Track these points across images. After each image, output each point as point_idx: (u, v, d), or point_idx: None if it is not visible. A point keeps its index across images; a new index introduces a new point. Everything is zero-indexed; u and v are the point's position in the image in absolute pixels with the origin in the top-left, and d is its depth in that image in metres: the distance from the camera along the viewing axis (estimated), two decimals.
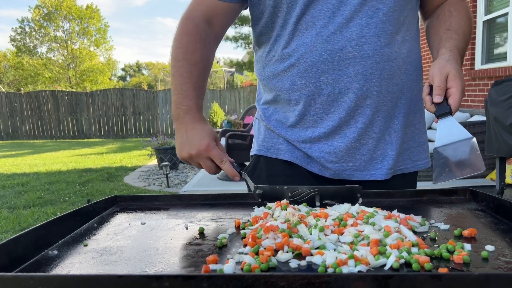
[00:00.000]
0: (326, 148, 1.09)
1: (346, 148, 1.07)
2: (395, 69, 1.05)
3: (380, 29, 1.02)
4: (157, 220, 0.92)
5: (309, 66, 1.04)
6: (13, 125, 14.35)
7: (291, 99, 1.10)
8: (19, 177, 6.90)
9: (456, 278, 0.48)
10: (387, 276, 0.49)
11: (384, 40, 1.02)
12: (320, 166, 1.12)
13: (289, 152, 1.14)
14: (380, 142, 1.09)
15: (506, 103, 3.43)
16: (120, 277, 0.51)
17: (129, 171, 7.29)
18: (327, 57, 1.02)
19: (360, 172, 1.09)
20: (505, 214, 0.84)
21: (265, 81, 1.16)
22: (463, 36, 1.05)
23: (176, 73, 1.06)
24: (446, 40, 1.03)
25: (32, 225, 2.66)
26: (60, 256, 0.72)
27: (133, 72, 60.40)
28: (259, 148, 1.19)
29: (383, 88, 1.04)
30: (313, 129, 1.09)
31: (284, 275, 0.50)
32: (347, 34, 1.01)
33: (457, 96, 0.88)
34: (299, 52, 1.05)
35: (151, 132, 13.83)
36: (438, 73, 0.92)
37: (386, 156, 1.09)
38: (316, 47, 1.03)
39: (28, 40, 25.72)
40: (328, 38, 1.02)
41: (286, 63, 1.08)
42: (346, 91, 1.04)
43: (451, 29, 1.05)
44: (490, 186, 4.48)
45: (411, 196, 1.03)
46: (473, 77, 5.97)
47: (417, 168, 1.16)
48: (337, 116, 1.06)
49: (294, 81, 1.08)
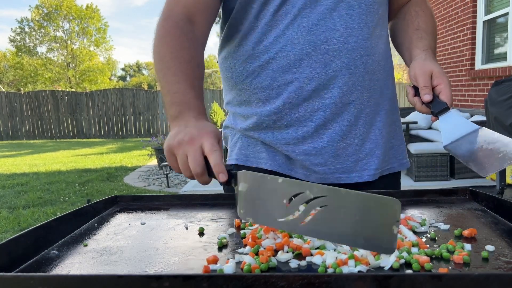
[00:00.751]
0: (311, 149, 1.02)
1: (333, 149, 1.02)
2: (376, 64, 1.02)
3: (362, 20, 0.99)
4: (157, 220, 0.92)
5: (291, 60, 0.97)
6: (13, 125, 14.35)
7: (270, 97, 1.02)
8: (19, 177, 6.90)
9: (456, 278, 0.48)
10: (387, 276, 0.49)
11: (366, 33, 0.99)
12: (305, 171, 1.05)
13: (270, 160, 1.06)
14: (366, 141, 1.05)
15: (506, 103, 3.43)
16: (120, 277, 0.51)
17: (129, 171, 7.29)
18: (311, 49, 0.96)
19: (348, 174, 1.04)
20: (505, 214, 0.84)
21: (236, 79, 1.07)
22: (432, 36, 1.04)
23: (167, 73, 0.90)
24: (417, 40, 1.02)
25: (32, 225, 2.66)
26: (60, 256, 0.72)
27: (133, 72, 60.42)
28: (238, 157, 1.10)
29: (367, 83, 1.01)
30: (295, 129, 1.02)
31: (284, 275, 0.50)
32: (330, 25, 0.96)
33: (447, 91, 0.88)
34: (278, 45, 0.98)
35: (151, 132, 13.83)
36: (421, 73, 0.91)
37: (373, 156, 1.05)
38: (298, 39, 0.96)
39: (28, 40, 25.72)
40: (311, 29, 0.96)
41: (263, 58, 1.00)
42: (331, 86, 0.98)
43: (420, 29, 1.04)
44: (490, 186, 4.47)
45: (411, 196, 1.03)
46: (473, 77, 5.97)
47: (403, 167, 1.13)
48: (321, 114, 1.00)
49: (274, 77, 1.00)
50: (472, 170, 2.46)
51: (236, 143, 1.12)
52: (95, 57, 26.72)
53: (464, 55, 6.30)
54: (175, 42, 0.93)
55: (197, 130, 0.78)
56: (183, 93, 0.87)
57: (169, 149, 0.78)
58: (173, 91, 0.88)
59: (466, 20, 6.20)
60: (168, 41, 0.94)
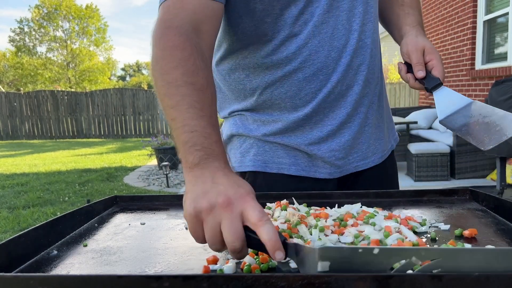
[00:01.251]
0: (335, 145, 1.04)
1: (352, 141, 1.05)
2: (377, 54, 1.06)
3: (372, 15, 1.01)
4: (157, 220, 0.92)
5: (318, 69, 0.97)
6: (13, 125, 14.34)
7: (297, 105, 1.00)
8: (18, 177, 6.90)
9: (456, 278, 0.48)
10: (387, 276, 0.49)
11: (375, 26, 1.03)
12: (327, 168, 1.05)
13: (293, 165, 1.04)
14: (375, 127, 1.10)
15: (506, 103, 3.43)
16: (120, 277, 0.51)
17: (129, 171, 7.29)
18: (335, 55, 0.97)
19: (364, 161, 1.08)
20: (505, 214, 0.84)
21: (251, 91, 1.02)
22: (418, 11, 1.05)
23: (180, 102, 0.71)
24: (404, 16, 1.03)
25: (32, 225, 2.66)
26: (60, 256, 0.72)
27: (133, 72, 60.43)
28: (255, 163, 1.05)
29: (375, 75, 1.05)
30: (320, 128, 1.02)
31: (284, 275, 0.50)
32: (348, 27, 0.97)
33: (440, 66, 0.89)
34: (302, 55, 0.96)
35: (151, 132, 13.83)
36: (414, 49, 0.92)
37: (380, 139, 1.11)
38: (322, 47, 0.96)
39: (28, 40, 25.73)
40: (332, 35, 0.96)
41: (285, 69, 0.97)
42: (352, 84, 1.01)
43: (404, 5, 1.06)
44: (490, 186, 4.48)
45: (411, 196, 1.03)
46: (473, 77, 5.97)
47: (396, 142, 1.20)
48: (344, 111, 1.02)
49: (300, 86, 0.98)
50: (472, 170, 2.50)
51: (249, 150, 1.07)
52: (95, 57, 26.72)
53: (464, 55, 6.30)
54: (188, 61, 0.75)
55: (233, 190, 0.60)
56: (203, 135, 0.68)
57: (196, 212, 0.61)
58: (189, 129, 0.68)
59: (466, 20, 6.20)
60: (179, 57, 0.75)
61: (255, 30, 0.96)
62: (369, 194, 1.02)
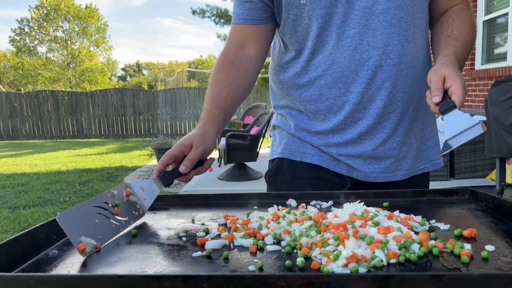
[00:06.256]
0: (353, 152, 1.11)
1: (373, 153, 1.11)
2: (416, 75, 1.09)
3: (403, 37, 1.05)
4: (157, 220, 0.92)
5: (338, 77, 1.06)
6: (13, 125, 14.35)
7: (319, 109, 1.11)
8: (19, 177, 6.90)
9: (456, 278, 0.48)
10: (387, 276, 0.49)
11: (406, 48, 1.05)
12: (348, 168, 1.14)
13: (316, 155, 1.15)
14: (404, 145, 1.13)
15: (506, 103, 3.43)
16: (120, 277, 0.51)
17: (129, 171, 7.29)
18: (356, 67, 1.05)
19: (384, 174, 1.13)
20: (505, 214, 0.84)
21: (286, 91, 1.17)
22: (462, 43, 1.06)
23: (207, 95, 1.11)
24: (444, 46, 1.05)
25: (32, 225, 2.66)
26: (60, 256, 0.72)
27: (133, 72, 60.44)
28: (283, 151, 1.19)
29: (407, 94, 1.08)
30: (341, 135, 1.11)
31: (284, 275, 0.50)
32: (373, 44, 1.03)
33: (458, 91, 0.89)
34: (326, 63, 1.07)
35: (151, 132, 13.83)
36: (435, 76, 0.94)
37: (406, 158, 1.14)
38: (344, 58, 1.05)
39: (28, 40, 25.73)
40: (355, 49, 1.04)
41: (312, 75, 1.09)
42: (374, 98, 1.06)
43: (451, 36, 1.07)
44: (490, 186, 4.48)
45: (411, 196, 1.03)
46: (473, 77, 5.97)
47: (435, 167, 1.21)
48: (365, 123, 1.08)
49: (322, 91, 1.09)
50: (472, 170, 2.50)
51: (282, 140, 1.22)
52: (94, 57, 26.72)
53: None
54: (218, 67, 1.12)
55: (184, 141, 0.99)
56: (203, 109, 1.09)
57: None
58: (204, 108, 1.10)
59: None
60: (214, 68, 1.14)
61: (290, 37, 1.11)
62: (369, 194, 1.02)
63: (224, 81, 1.10)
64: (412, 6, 1.05)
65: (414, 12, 1.05)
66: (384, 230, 0.71)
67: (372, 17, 1.03)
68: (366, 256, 0.62)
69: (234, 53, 1.13)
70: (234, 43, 1.14)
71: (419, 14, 1.07)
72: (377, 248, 0.64)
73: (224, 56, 1.14)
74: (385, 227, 0.72)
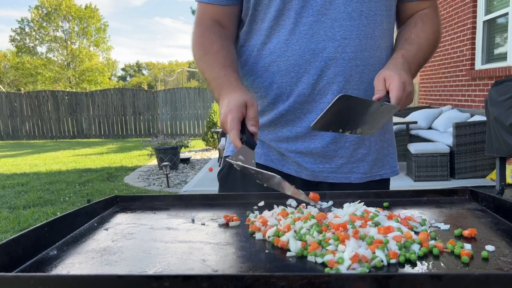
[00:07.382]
0: (303, 148, 1.08)
1: (323, 150, 1.08)
2: (374, 74, 1.02)
3: (362, 32, 1.02)
4: (157, 220, 0.92)
5: (290, 65, 1.03)
6: (13, 125, 14.35)
7: (269, 97, 1.09)
8: (19, 177, 6.90)
9: (456, 278, 0.48)
10: (387, 276, 0.49)
11: (365, 44, 1.03)
12: (296, 167, 1.11)
13: (264, 155, 1.14)
14: (360, 146, 1.10)
15: (506, 103, 3.43)
16: (120, 277, 0.51)
17: (129, 171, 7.29)
18: (309, 56, 1.02)
19: (335, 174, 1.11)
20: (505, 214, 0.84)
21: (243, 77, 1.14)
22: (417, 46, 1.06)
23: (205, 68, 1.06)
24: (397, 50, 1.06)
25: (32, 225, 2.66)
26: (60, 256, 0.72)
27: (133, 72, 60.47)
28: (233, 150, 1.16)
29: (361, 92, 1.05)
30: (289, 128, 1.09)
31: (284, 275, 0.50)
32: (330, 35, 1.01)
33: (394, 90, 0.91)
34: (280, 49, 1.04)
35: (151, 132, 13.83)
36: (376, 79, 0.96)
37: (363, 161, 1.11)
38: (299, 46, 1.02)
39: (28, 40, 25.73)
40: (311, 37, 1.01)
41: (266, 60, 1.07)
42: (325, 92, 1.04)
43: (408, 40, 1.07)
44: (490, 186, 4.48)
45: (411, 196, 1.03)
46: (473, 77, 5.97)
47: (394, 174, 1.19)
48: (315, 117, 1.02)
49: (274, 79, 1.06)
50: (472, 170, 2.52)
51: None
52: (94, 57, 26.72)
53: (464, 55, 6.30)
54: (206, 41, 1.09)
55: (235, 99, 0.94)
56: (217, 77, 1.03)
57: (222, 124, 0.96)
58: (211, 78, 1.05)
59: (466, 20, 6.20)
60: (201, 41, 1.10)
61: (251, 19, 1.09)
62: (369, 194, 1.02)
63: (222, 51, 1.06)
64: (375, 2, 1.03)
65: (377, 8, 1.03)
66: (384, 230, 0.71)
67: (332, 7, 1.00)
68: (366, 256, 0.62)
69: (215, 27, 1.11)
70: (210, 19, 1.11)
71: (381, 11, 1.04)
72: (377, 248, 0.64)
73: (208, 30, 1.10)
74: (385, 227, 0.72)
